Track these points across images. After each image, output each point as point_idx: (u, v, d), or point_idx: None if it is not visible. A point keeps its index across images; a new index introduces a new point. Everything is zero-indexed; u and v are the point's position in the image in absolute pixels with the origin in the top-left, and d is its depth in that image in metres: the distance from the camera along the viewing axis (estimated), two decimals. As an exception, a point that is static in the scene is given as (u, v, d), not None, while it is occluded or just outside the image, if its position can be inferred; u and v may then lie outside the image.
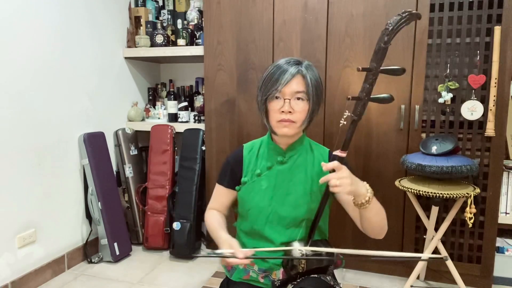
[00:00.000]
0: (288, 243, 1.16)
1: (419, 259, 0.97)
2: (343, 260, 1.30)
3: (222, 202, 1.30)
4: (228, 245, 1.06)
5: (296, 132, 1.16)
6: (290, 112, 1.11)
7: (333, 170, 0.97)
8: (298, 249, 1.09)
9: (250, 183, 1.22)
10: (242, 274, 1.22)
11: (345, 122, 1.00)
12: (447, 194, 1.76)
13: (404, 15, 0.89)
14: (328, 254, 1.13)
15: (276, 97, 1.12)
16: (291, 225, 1.19)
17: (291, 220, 1.18)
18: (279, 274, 1.19)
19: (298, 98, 1.11)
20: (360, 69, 0.93)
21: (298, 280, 1.14)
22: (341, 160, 1.00)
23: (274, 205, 1.19)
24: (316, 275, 1.15)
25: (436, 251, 2.01)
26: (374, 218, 1.07)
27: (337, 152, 1.01)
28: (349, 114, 0.98)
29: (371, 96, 0.96)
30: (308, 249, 1.09)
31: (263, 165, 1.22)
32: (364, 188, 1.01)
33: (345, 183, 0.95)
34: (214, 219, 1.25)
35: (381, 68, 0.93)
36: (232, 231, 1.34)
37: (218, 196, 1.31)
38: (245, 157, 1.26)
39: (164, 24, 2.79)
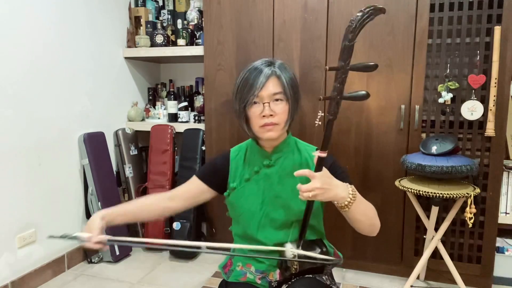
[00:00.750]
0: (281, 245, 1.16)
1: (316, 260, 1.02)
2: (341, 257, 1.30)
3: (190, 193, 1.25)
4: (88, 227, 1.09)
5: (280, 133, 1.14)
6: (271, 115, 1.09)
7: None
8: (290, 250, 1.08)
9: (239, 188, 1.20)
10: (239, 275, 1.22)
11: (320, 123, 0.99)
12: (447, 194, 1.76)
13: (366, 11, 0.87)
14: (321, 253, 1.12)
15: (255, 102, 1.10)
16: (283, 227, 1.18)
17: (283, 222, 1.17)
18: (276, 275, 1.18)
19: (277, 100, 1.10)
20: (327, 69, 0.93)
21: (293, 280, 1.13)
22: (321, 160, 0.98)
23: (265, 208, 1.18)
24: (311, 275, 1.15)
25: (435, 251, 2.01)
26: (361, 218, 1.05)
27: (317, 153, 0.98)
28: (323, 114, 0.98)
29: (344, 95, 0.95)
30: (300, 252, 1.08)
31: (250, 170, 1.21)
32: (345, 192, 0.99)
33: (318, 193, 0.94)
34: (140, 200, 1.23)
35: (350, 65, 0.93)
36: (229, 234, 1.33)
37: (190, 185, 1.25)
38: (231, 161, 1.24)
39: (164, 24, 2.79)
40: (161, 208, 1.24)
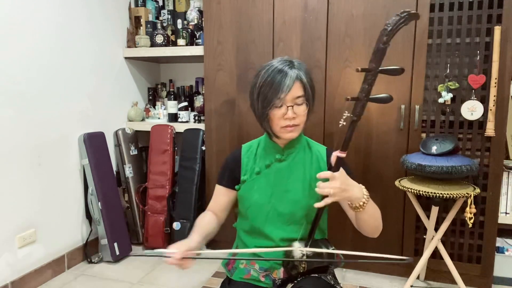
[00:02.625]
0: (287, 240, 1.17)
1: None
2: (342, 258, 1.31)
3: (220, 202, 1.30)
4: (176, 245, 1.06)
5: (299, 133, 1.18)
6: (293, 117, 1.11)
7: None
8: (299, 249, 1.10)
9: (249, 181, 1.23)
10: (243, 273, 1.22)
11: (344, 123, 1.01)
12: (447, 194, 1.76)
13: (403, 15, 0.89)
14: (328, 255, 1.13)
15: (279, 105, 1.11)
16: (290, 222, 1.19)
17: (290, 217, 1.19)
18: (280, 274, 1.19)
19: (298, 104, 1.12)
20: (359, 70, 0.94)
21: (299, 279, 1.14)
22: (340, 160, 1.01)
23: (273, 202, 1.20)
24: (316, 275, 1.16)
25: (435, 251, 2.01)
26: (369, 220, 1.08)
27: (337, 153, 1.01)
28: (349, 114, 0.99)
29: (370, 97, 0.96)
30: (309, 250, 1.10)
31: (261, 163, 1.23)
32: (360, 193, 1.02)
33: (337, 193, 0.97)
34: (200, 220, 1.24)
35: (380, 68, 0.93)
36: (232, 231, 1.34)
37: (216, 196, 1.31)
38: (243, 157, 1.27)
39: (164, 24, 2.79)
40: (217, 224, 1.27)
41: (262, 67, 1.15)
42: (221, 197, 1.30)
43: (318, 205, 1.00)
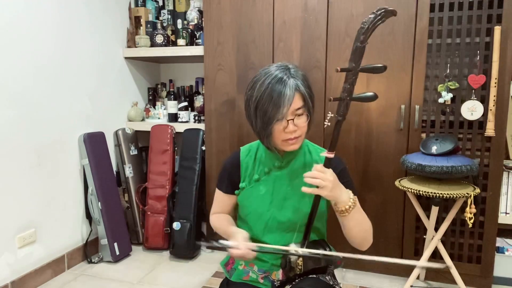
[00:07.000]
0: (285, 246, 1.16)
1: (414, 267, 1.00)
2: (341, 259, 1.30)
3: (223, 207, 1.30)
4: (234, 237, 1.09)
5: (301, 144, 1.16)
6: (295, 130, 1.08)
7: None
8: (294, 250, 1.09)
9: (248, 188, 1.21)
10: (242, 274, 1.22)
11: (329, 123, 1.01)
12: (447, 194, 1.76)
13: (378, 13, 0.88)
14: (325, 255, 1.13)
15: (278, 119, 1.06)
16: (290, 230, 1.18)
17: (290, 224, 1.17)
18: (278, 275, 1.19)
19: (299, 114, 1.07)
20: (338, 70, 0.93)
21: (297, 281, 1.14)
22: (329, 160, 1.01)
23: (272, 210, 1.18)
24: (314, 275, 1.15)
25: (435, 251, 2.01)
26: (355, 228, 1.07)
27: (325, 153, 1.01)
28: (333, 115, 0.99)
29: (353, 96, 0.96)
30: (305, 251, 1.09)
31: (261, 170, 1.21)
32: (346, 196, 1.03)
33: (325, 184, 0.98)
34: (221, 219, 1.27)
35: (360, 67, 0.93)
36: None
37: (218, 201, 1.32)
38: (242, 161, 1.24)
39: (164, 24, 2.79)
40: None
41: (257, 77, 1.09)
42: (223, 202, 1.30)
43: (304, 189, 1.00)
